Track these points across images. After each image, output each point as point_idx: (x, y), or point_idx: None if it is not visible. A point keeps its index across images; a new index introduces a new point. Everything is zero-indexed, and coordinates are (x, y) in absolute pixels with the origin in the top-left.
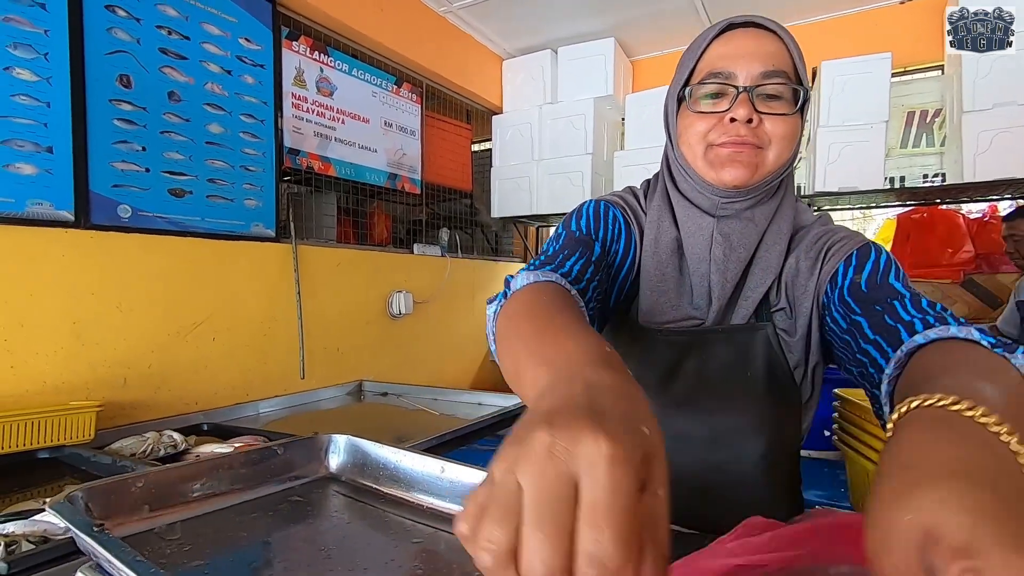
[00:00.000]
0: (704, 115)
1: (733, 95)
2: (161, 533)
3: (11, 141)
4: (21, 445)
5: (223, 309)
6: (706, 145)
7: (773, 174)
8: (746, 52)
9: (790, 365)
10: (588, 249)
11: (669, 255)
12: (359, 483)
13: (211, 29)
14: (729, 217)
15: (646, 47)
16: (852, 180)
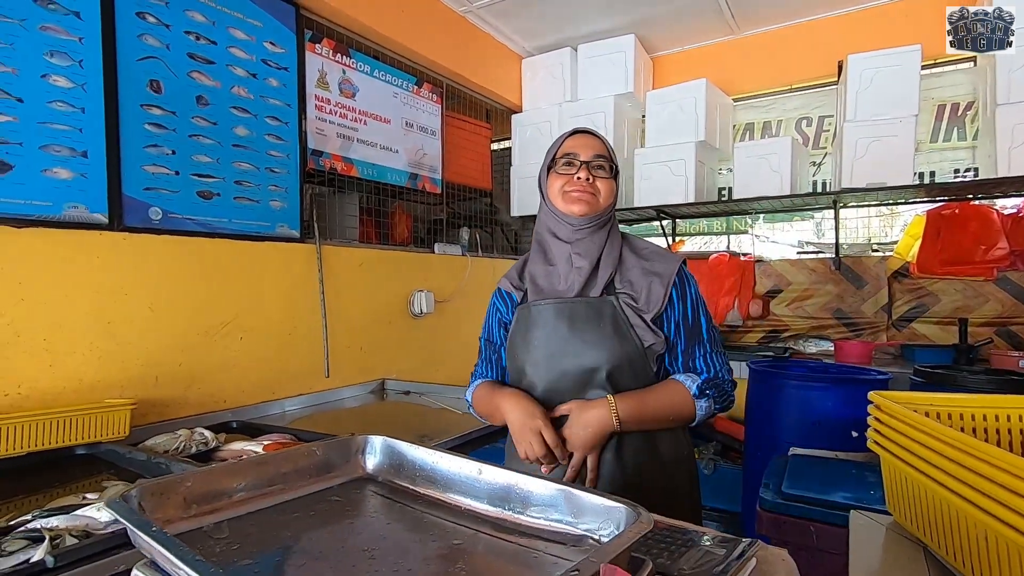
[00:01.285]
0: (561, 175)
1: (578, 165)
2: (209, 532)
3: (49, 146)
4: (60, 442)
5: (250, 309)
6: (563, 192)
7: (603, 210)
8: (584, 145)
9: (630, 320)
10: (487, 344)
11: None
12: (396, 483)
13: (237, 33)
14: (580, 241)
15: (667, 43)
16: (880, 176)
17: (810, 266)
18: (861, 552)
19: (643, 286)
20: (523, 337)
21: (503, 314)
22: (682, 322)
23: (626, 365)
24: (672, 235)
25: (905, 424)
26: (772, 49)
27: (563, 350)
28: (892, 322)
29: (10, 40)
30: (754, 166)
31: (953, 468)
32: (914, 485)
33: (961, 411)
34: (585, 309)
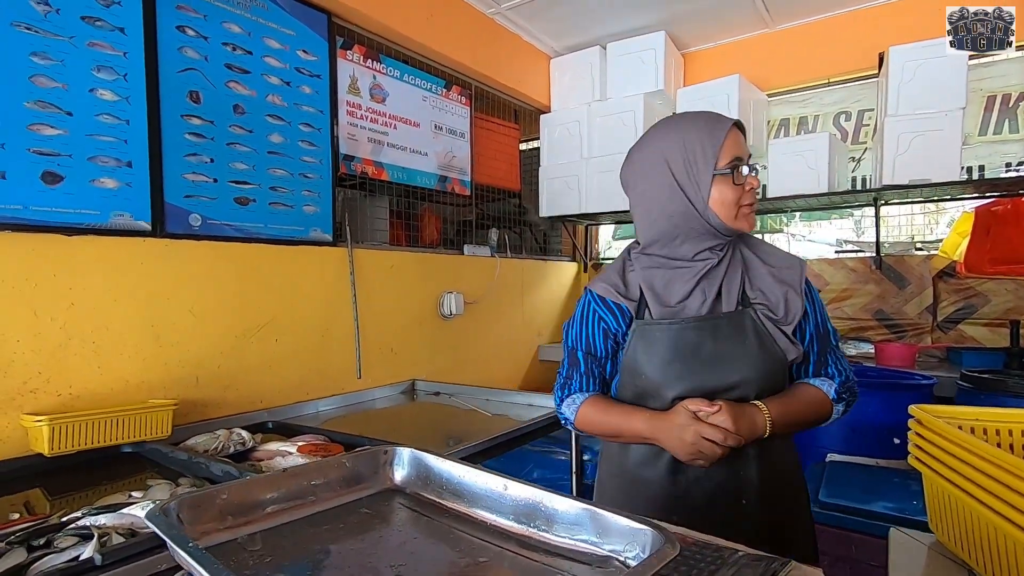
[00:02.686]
0: (736, 187)
1: (747, 174)
2: (243, 543)
3: (97, 157)
4: (108, 441)
5: (285, 311)
6: (738, 206)
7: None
8: (744, 144)
9: (771, 333)
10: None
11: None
12: (423, 496)
13: (271, 43)
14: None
15: (699, 39)
16: (924, 172)
17: (849, 265)
18: (899, 571)
19: (779, 296)
20: (654, 358)
21: (610, 325)
22: (816, 331)
23: (771, 379)
24: None
25: (948, 441)
26: (808, 42)
27: (708, 370)
28: (937, 323)
29: (60, 57)
30: (790, 163)
31: (1000, 490)
32: (958, 504)
33: (1010, 427)
34: (727, 326)
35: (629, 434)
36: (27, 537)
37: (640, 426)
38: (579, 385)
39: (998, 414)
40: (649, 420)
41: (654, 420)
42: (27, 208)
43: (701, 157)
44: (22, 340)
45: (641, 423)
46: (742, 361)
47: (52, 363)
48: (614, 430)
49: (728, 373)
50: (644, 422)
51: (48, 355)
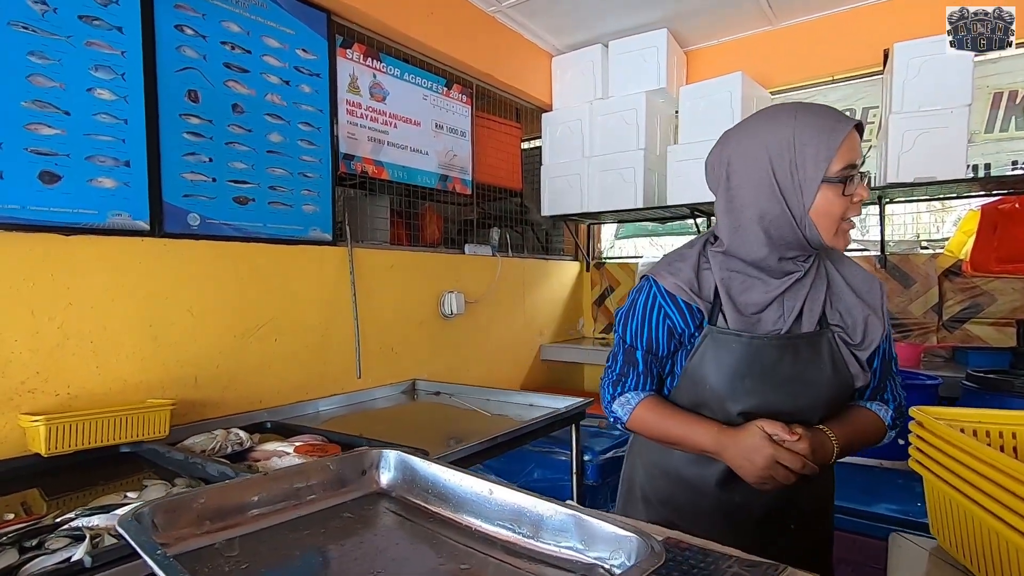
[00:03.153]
0: (845, 197)
1: (858, 182)
2: (221, 549)
3: (95, 157)
4: (105, 441)
5: (284, 311)
6: (841, 220)
7: None
8: (858, 148)
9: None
10: (635, 358)
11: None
12: (409, 500)
13: (270, 42)
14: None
15: (701, 36)
16: (929, 170)
17: None
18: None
19: (859, 320)
20: (724, 368)
21: (676, 323)
22: (883, 356)
23: (836, 405)
24: None
25: (949, 444)
26: (812, 39)
27: (780, 391)
28: (943, 323)
29: (58, 56)
30: None
31: (1001, 495)
32: (959, 509)
33: (1014, 430)
34: (806, 347)
35: (691, 445)
36: (19, 538)
37: (706, 440)
38: (635, 383)
39: (1000, 416)
40: (717, 435)
41: (723, 436)
42: (25, 208)
43: (812, 159)
44: (20, 340)
45: (707, 437)
46: (814, 386)
47: (50, 363)
48: (675, 438)
49: (798, 396)
50: (711, 436)
51: (46, 355)
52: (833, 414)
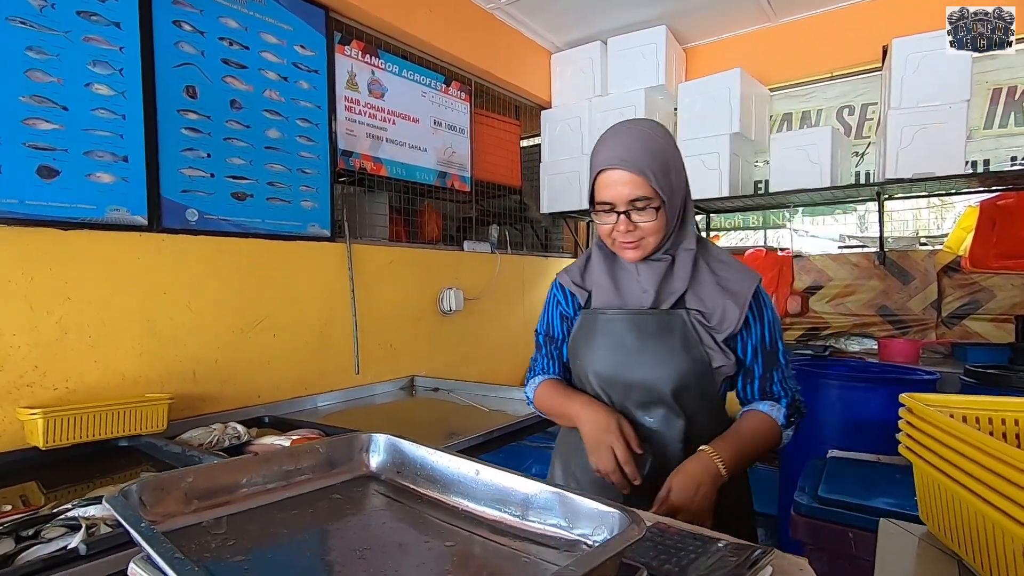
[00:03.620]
0: (603, 224)
1: (616, 217)
2: (208, 527)
3: (93, 152)
4: (104, 434)
5: (283, 307)
6: (611, 240)
7: (656, 247)
8: (617, 189)
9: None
10: (548, 340)
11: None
12: (398, 483)
13: (268, 38)
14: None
15: (700, 33)
16: (928, 166)
17: (852, 261)
18: (888, 562)
19: (717, 305)
20: (588, 344)
21: (564, 308)
22: (760, 346)
23: (692, 383)
24: (707, 230)
25: (938, 429)
26: (811, 36)
27: (629, 363)
28: (942, 319)
29: (56, 51)
30: (792, 158)
31: (990, 478)
32: (948, 494)
33: (1003, 415)
34: (655, 323)
35: (566, 416)
36: (15, 528)
37: (572, 410)
38: (541, 367)
39: (990, 402)
40: (583, 406)
41: (587, 408)
42: (23, 202)
43: (589, 183)
44: (18, 334)
45: (574, 408)
46: (661, 359)
47: (48, 357)
48: (558, 411)
49: (649, 367)
50: (576, 407)
51: (44, 349)
52: (697, 393)
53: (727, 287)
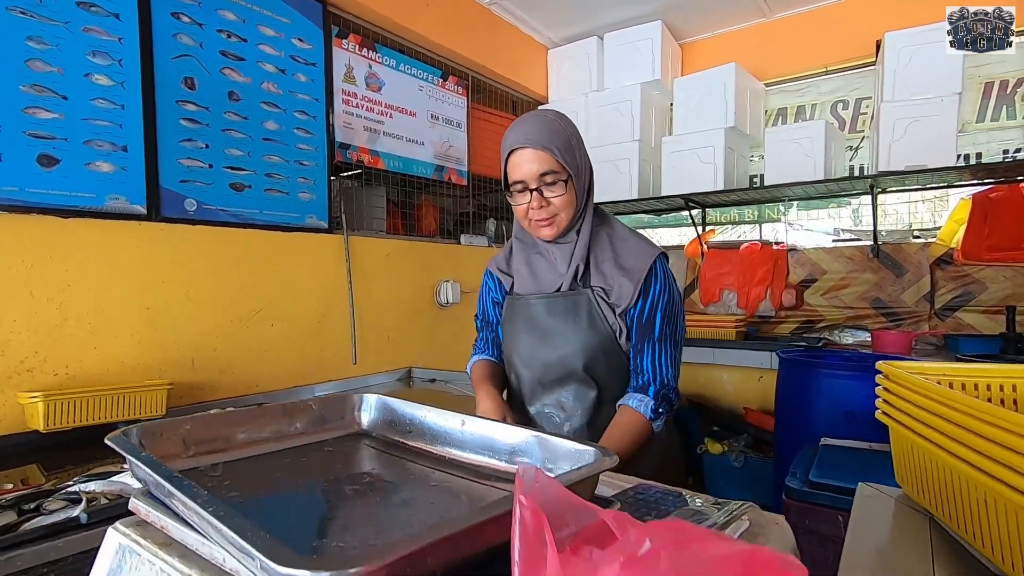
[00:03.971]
0: (517, 205)
1: (529, 195)
2: (205, 470)
3: (92, 141)
4: (102, 418)
5: (281, 297)
6: (527, 221)
7: (568, 225)
8: (526, 166)
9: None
10: (484, 324)
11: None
12: (388, 438)
13: (266, 31)
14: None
15: (696, 29)
16: (920, 158)
17: (846, 254)
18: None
19: (614, 281)
20: (511, 328)
21: (495, 294)
22: (638, 318)
23: (601, 356)
24: (703, 224)
25: (910, 390)
26: (805, 31)
27: (544, 343)
28: (935, 311)
29: (56, 42)
30: (786, 151)
31: (955, 431)
32: (919, 451)
33: (976, 381)
34: (563, 303)
35: (477, 399)
36: (17, 502)
37: (478, 397)
38: (479, 348)
39: (964, 369)
40: (483, 398)
41: (484, 400)
42: (23, 190)
43: (502, 169)
44: (19, 320)
45: (479, 395)
46: (570, 336)
47: (48, 343)
48: (475, 393)
49: (559, 346)
50: (481, 395)
51: (44, 335)
52: (607, 363)
53: (623, 264)
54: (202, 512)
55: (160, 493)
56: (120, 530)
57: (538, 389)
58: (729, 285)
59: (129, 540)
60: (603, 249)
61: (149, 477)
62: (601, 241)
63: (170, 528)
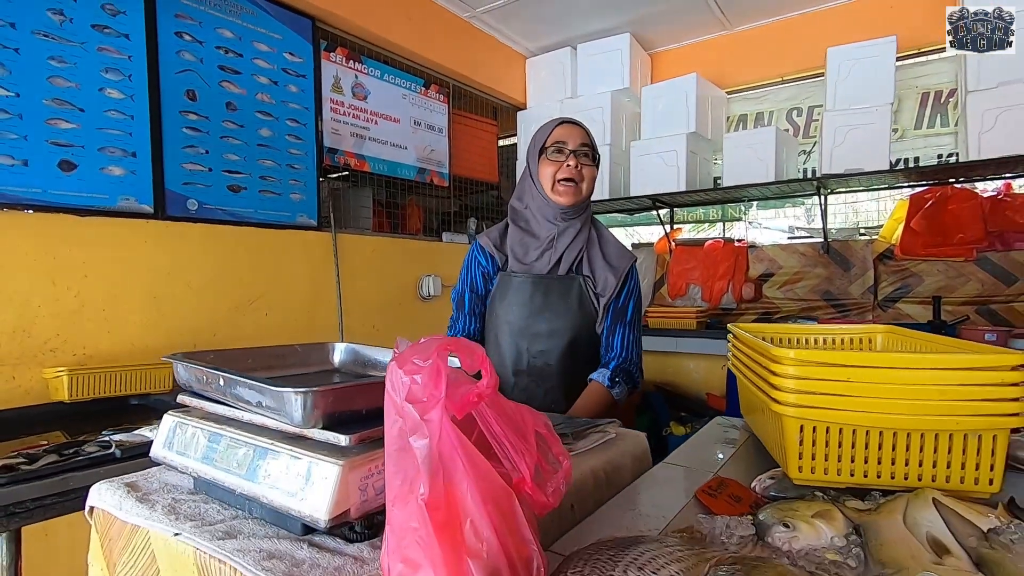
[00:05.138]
0: (552, 162)
1: (567, 153)
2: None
3: (106, 148)
4: (119, 391)
5: (274, 288)
6: (554, 181)
7: (585, 198)
8: (571, 134)
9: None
10: (463, 302)
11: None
12: (354, 371)
13: (260, 46)
14: (564, 227)
15: (663, 40)
16: (858, 162)
17: (800, 250)
18: (704, 435)
19: (602, 275)
20: (503, 301)
21: (486, 268)
22: (613, 304)
23: (584, 333)
24: (670, 223)
25: (739, 342)
26: (762, 43)
27: (536, 316)
28: (878, 302)
29: (74, 60)
30: (742, 155)
31: (750, 363)
32: (743, 385)
33: (799, 336)
34: (558, 285)
35: None
36: (57, 448)
37: None
38: (462, 326)
39: (793, 328)
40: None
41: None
42: (46, 192)
43: (535, 144)
44: (43, 305)
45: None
46: (561, 313)
47: (68, 326)
48: None
49: (551, 320)
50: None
51: (65, 319)
52: (588, 340)
53: (610, 262)
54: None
55: (199, 385)
56: (172, 415)
57: (523, 356)
58: (695, 279)
59: (179, 418)
60: (592, 245)
61: (196, 373)
62: (592, 239)
63: (207, 406)
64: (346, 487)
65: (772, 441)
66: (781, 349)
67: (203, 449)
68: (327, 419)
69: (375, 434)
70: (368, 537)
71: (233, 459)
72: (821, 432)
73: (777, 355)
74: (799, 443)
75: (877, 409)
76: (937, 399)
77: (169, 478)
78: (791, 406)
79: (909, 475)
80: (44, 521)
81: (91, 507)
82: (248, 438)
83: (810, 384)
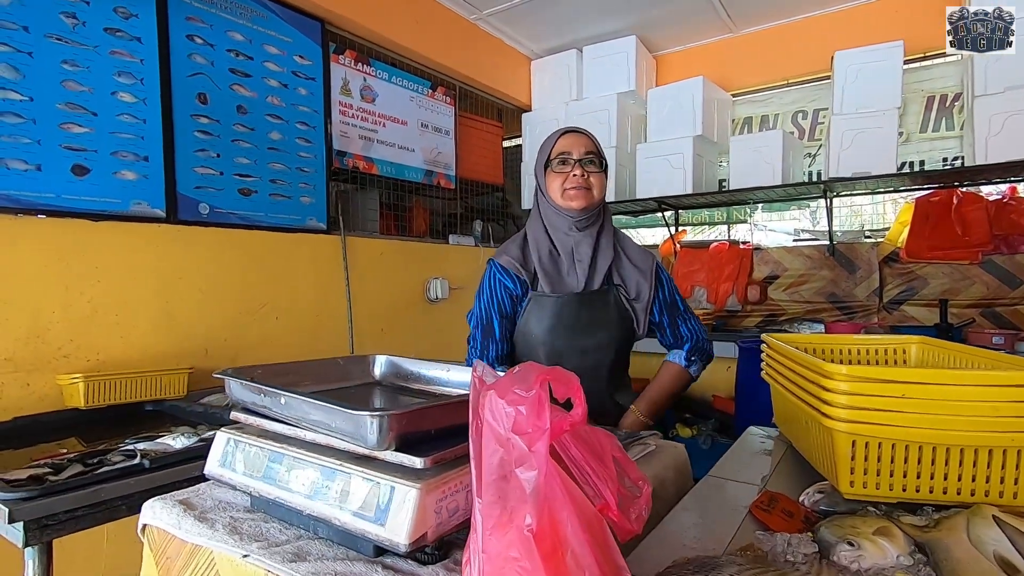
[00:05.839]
0: (558, 174)
1: (572, 163)
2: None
3: (119, 152)
4: (133, 397)
5: (284, 293)
6: (563, 190)
7: (597, 203)
8: (575, 143)
9: (628, 308)
10: (492, 328)
11: (551, 258)
12: (396, 384)
13: (270, 49)
14: (580, 235)
15: (669, 43)
16: (865, 165)
17: (806, 253)
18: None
19: (634, 282)
20: (540, 322)
21: (512, 288)
22: (664, 303)
23: (625, 342)
24: (676, 225)
25: (777, 353)
26: (768, 46)
27: (581, 332)
28: (883, 305)
29: (87, 64)
30: (748, 158)
31: (791, 375)
32: (779, 396)
33: (832, 347)
34: (598, 299)
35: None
36: (82, 458)
37: None
38: (495, 353)
39: (825, 338)
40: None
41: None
42: (59, 196)
43: (540, 157)
44: (56, 311)
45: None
46: (605, 327)
47: (81, 332)
48: None
49: (594, 335)
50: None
51: (78, 324)
52: (629, 347)
53: (637, 265)
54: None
55: (255, 403)
56: (226, 432)
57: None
58: (700, 282)
59: (234, 435)
60: (618, 252)
61: (252, 392)
62: (613, 244)
63: (264, 423)
64: (424, 510)
65: (818, 454)
66: (833, 365)
67: (264, 468)
68: (399, 440)
69: (447, 456)
70: (439, 559)
71: (297, 479)
72: (873, 447)
73: (829, 371)
74: (851, 458)
75: (932, 425)
76: (992, 415)
77: (222, 495)
78: (843, 421)
79: (962, 490)
80: (75, 533)
81: (143, 524)
82: (313, 458)
83: (862, 400)
